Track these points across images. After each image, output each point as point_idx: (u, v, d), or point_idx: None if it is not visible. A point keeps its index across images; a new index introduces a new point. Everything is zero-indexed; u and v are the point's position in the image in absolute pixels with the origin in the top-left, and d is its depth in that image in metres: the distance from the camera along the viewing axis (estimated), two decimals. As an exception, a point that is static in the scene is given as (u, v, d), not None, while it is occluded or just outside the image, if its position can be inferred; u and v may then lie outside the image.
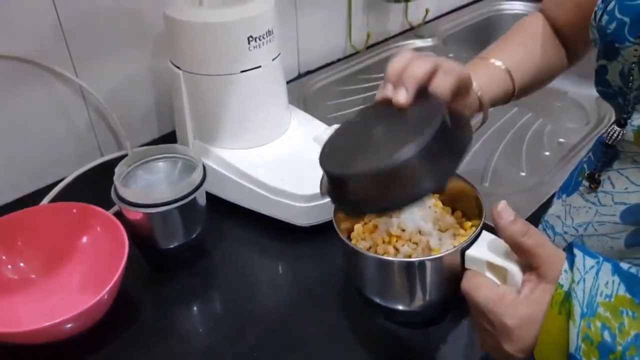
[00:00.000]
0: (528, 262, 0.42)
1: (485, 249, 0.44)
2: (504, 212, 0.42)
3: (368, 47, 1.23)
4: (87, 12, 0.78)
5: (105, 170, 0.85)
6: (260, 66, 0.73)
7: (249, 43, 0.71)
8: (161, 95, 0.92)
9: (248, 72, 0.73)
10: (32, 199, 0.80)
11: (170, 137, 0.93)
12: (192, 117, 0.77)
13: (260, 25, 0.71)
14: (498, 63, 0.61)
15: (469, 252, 0.45)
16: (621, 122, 0.48)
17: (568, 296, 0.39)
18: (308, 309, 0.64)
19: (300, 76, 1.14)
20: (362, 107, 0.55)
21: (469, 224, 0.55)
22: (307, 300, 0.65)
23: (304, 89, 1.08)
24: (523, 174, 0.89)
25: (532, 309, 0.40)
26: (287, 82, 0.86)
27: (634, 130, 0.46)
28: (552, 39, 0.65)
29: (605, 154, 0.50)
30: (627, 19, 0.44)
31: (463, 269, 0.45)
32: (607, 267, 0.39)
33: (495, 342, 0.42)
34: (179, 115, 0.79)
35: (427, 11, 1.30)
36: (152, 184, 0.68)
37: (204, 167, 0.67)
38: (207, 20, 0.69)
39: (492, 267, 0.43)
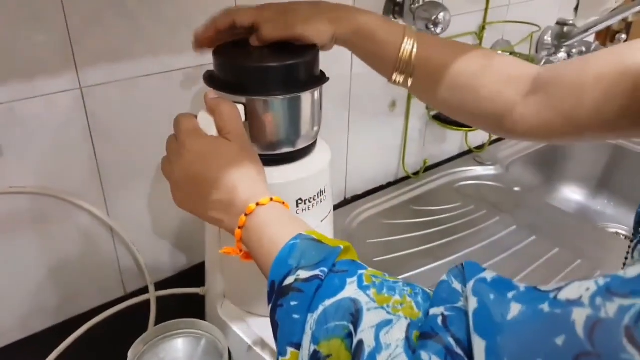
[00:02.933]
0: None
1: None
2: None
3: (424, 171, 1.14)
4: (124, 153, 0.72)
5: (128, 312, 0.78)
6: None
7: (297, 206, 0.62)
8: (184, 232, 0.85)
9: (292, 236, 0.64)
10: (45, 338, 0.73)
11: (193, 272, 0.86)
12: (226, 276, 0.68)
13: (311, 187, 0.62)
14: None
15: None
16: None
17: None
18: None
19: (346, 202, 1.05)
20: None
21: None
22: None
23: (349, 222, 0.99)
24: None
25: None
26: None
27: None
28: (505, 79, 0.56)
29: None
30: None
31: None
32: None
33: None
34: (211, 270, 0.70)
35: (490, 136, 1.21)
36: (167, 370, 0.58)
37: (230, 353, 0.58)
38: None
39: None
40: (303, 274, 0.38)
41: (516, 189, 1.12)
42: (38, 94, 0.63)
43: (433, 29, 0.89)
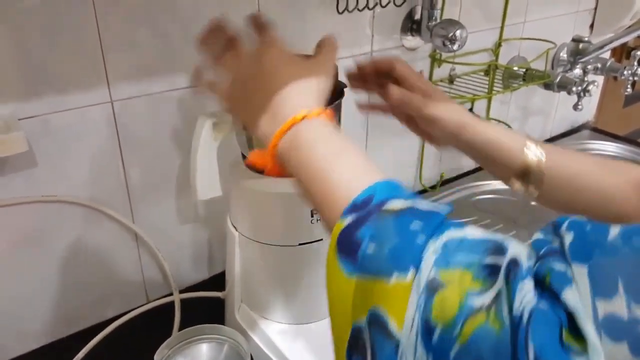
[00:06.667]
0: None
1: None
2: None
3: (441, 185, 1.16)
4: (150, 164, 0.76)
5: (152, 314, 0.81)
6: (322, 239, 0.66)
7: (312, 216, 0.64)
8: (206, 241, 0.87)
9: (307, 244, 0.66)
10: (69, 343, 0.75)
11: (214, 281, 0.89)
12: (242, 281, 0.71)
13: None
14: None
15: None
16: None
17: None
18: None
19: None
20: None
21: None
22: None
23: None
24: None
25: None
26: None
27: None
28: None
29: None
30: None
31: None
32: None
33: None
34: (229, 275, 0.73)
35: (506, 151, 1.22)
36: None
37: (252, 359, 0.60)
38: (270, 189, 0.63)
39: None
40: (422, 204, 0.35)
41: (533, 203, 1.12)
42: (72, 106, 0.67)
43: (450, 46, 0.91)
